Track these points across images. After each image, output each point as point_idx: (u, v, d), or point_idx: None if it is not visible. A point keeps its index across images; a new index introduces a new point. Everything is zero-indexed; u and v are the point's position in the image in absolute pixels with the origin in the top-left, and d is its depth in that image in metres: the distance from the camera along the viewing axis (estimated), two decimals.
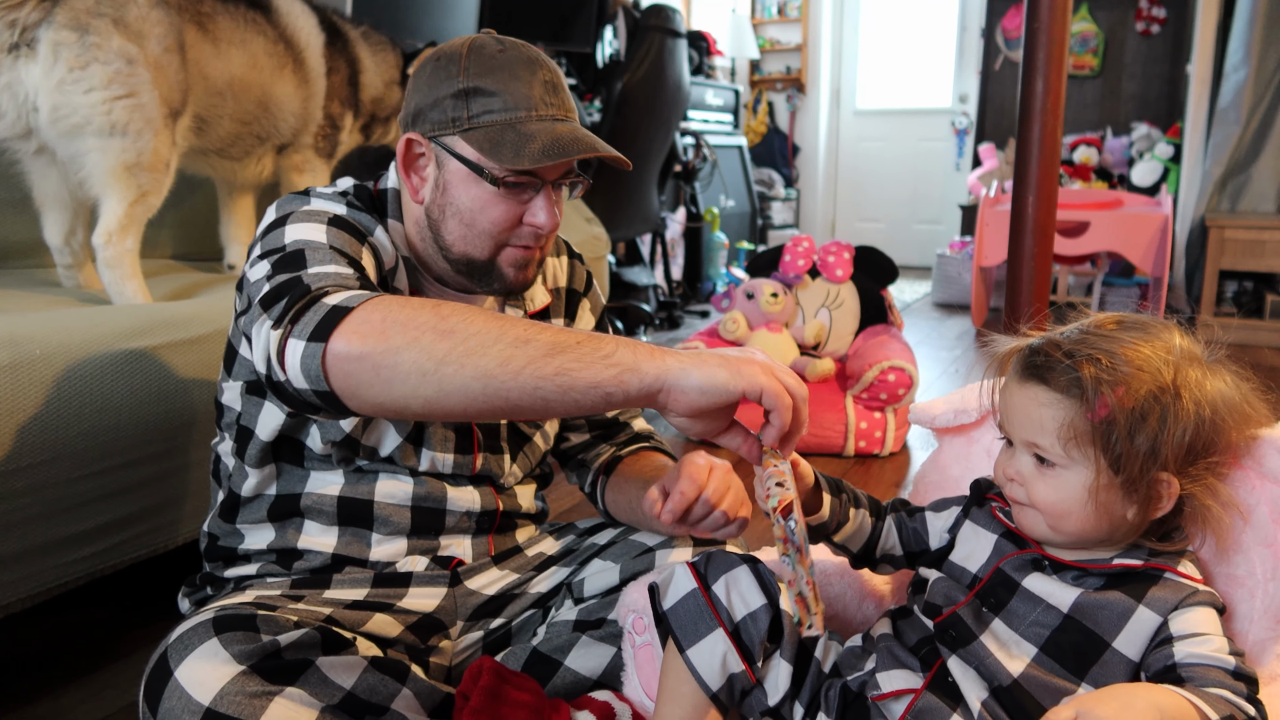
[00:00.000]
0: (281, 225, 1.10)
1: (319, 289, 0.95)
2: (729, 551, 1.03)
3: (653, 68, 3.57)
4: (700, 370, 0.88)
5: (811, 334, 2.94)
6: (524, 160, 1.08)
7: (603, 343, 0.90)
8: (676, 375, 0.88)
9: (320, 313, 0.91)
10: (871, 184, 7.14)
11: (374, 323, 0.89)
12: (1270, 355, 3.99)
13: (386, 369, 0.88)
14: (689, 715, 0.98)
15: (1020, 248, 1.95)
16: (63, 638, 1.61)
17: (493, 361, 0.87)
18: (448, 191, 1.14)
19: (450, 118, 1.11)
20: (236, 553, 1.23)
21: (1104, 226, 4.06)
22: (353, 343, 0.89)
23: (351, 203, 1.17)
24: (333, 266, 1.02)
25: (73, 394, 1.34)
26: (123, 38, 1.63)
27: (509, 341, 0.88)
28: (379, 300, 0.92)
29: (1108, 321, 0.95)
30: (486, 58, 1.11)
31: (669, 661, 1.01)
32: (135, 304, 1.67)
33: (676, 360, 0.89)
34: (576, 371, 0.88)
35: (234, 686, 0.95)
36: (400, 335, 0.88)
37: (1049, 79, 1.92)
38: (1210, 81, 4.69)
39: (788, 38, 7.08)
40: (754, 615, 0.98)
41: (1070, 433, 0.90)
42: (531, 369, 0.87)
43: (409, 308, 0.90)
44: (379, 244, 1.16)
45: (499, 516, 1.30)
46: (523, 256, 1.18)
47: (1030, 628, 0.92)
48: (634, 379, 0.88)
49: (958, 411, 1.21)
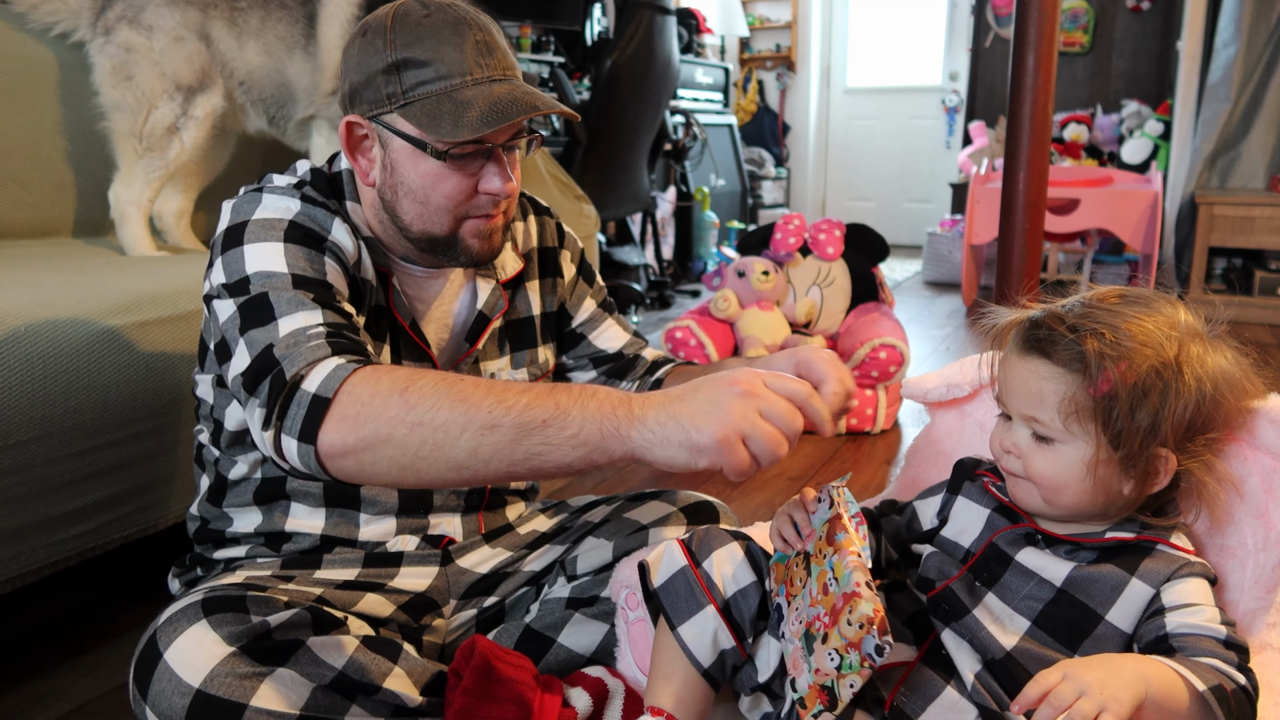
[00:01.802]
0: (239, 243, 1.06)
1: (295, 374, 0.94)
2: (719, 529, 1.03)
3: (642, 45, 3.54)
4: (664, 450, 0.85)
5: (803, 312, 2.94)
6: (463, 131, 1.04)
7: (569, 418, 0.87)
8: (642, 453, 0.86)
9: (303, 406, 0.92)
10: (862, 162, 7.12)
11: (350, 419, 0.90)
12: (1259, 332, 4.00)
13: (369, 465, 0.91)
14: (681, 690, 0.98)
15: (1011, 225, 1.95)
16: (54, 618, 1.61)
17: (462, 453, 0.88)
18: (396, 171, 1.10)
19: (385, 94, 1.07)
20: (225, 535, 1.22)
21: (1094, 204, 4.06)
22: (336, 441, 0.91)
23: (306, 194, 1.12)
24: (301, 316, 1.00)
25: (59, 371, 1.33)
26: (130, 31, 1.98)
27: (475, 430, 0.88)
28: (353, 384, 0.91)
29: (1110, 295, 0.95)
30: (412, 25, 1.06)
31: (660, 638, 1.01)
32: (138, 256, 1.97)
33: (641, 434, 0.86)
34: (545, 455, 0.88)
35: (224, 668, 0.94)
36: (374, 430, 0.89)
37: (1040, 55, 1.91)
38: (1200, 58, 4.68)
39: (777, 15, 7.04)
40: (744, 592, 0.99)
41: (1071, 407, 0.89)
42: (500, 457, 0.88)
43: (379, 397, 0.90)
44: (337, 241, 1.11)
45: (487, 493, 1.29)
46: (485, 226, 1.14)
47: (1024, 601, 0.92)
48: (602, 458, 0.88)
49: (950, 385, 1.21)
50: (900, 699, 0.92)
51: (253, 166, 2.34)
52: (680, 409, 0.86)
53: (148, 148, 2.00)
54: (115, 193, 2.01)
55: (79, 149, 2.10)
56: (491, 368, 1.28)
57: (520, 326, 1.31)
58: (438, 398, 0.89)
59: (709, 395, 0.86)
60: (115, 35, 1.99)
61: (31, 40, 2.07)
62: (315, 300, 1.02)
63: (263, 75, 2.09)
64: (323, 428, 0.91)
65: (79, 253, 1.96)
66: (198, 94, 2.03)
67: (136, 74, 1.98)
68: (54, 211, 2.09)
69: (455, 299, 1.26)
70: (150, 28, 1.98)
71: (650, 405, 0.87)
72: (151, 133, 2.00)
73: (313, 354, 0.95)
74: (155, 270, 1.71)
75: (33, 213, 2.04)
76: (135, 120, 1.99)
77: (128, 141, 2.00)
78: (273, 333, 0.98)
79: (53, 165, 2.07)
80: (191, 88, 2.02)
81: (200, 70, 2.03)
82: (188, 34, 2.01)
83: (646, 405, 0.87)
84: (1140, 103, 5.38)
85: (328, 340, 0.98)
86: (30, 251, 1.89)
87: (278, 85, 2.10)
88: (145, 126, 1.99)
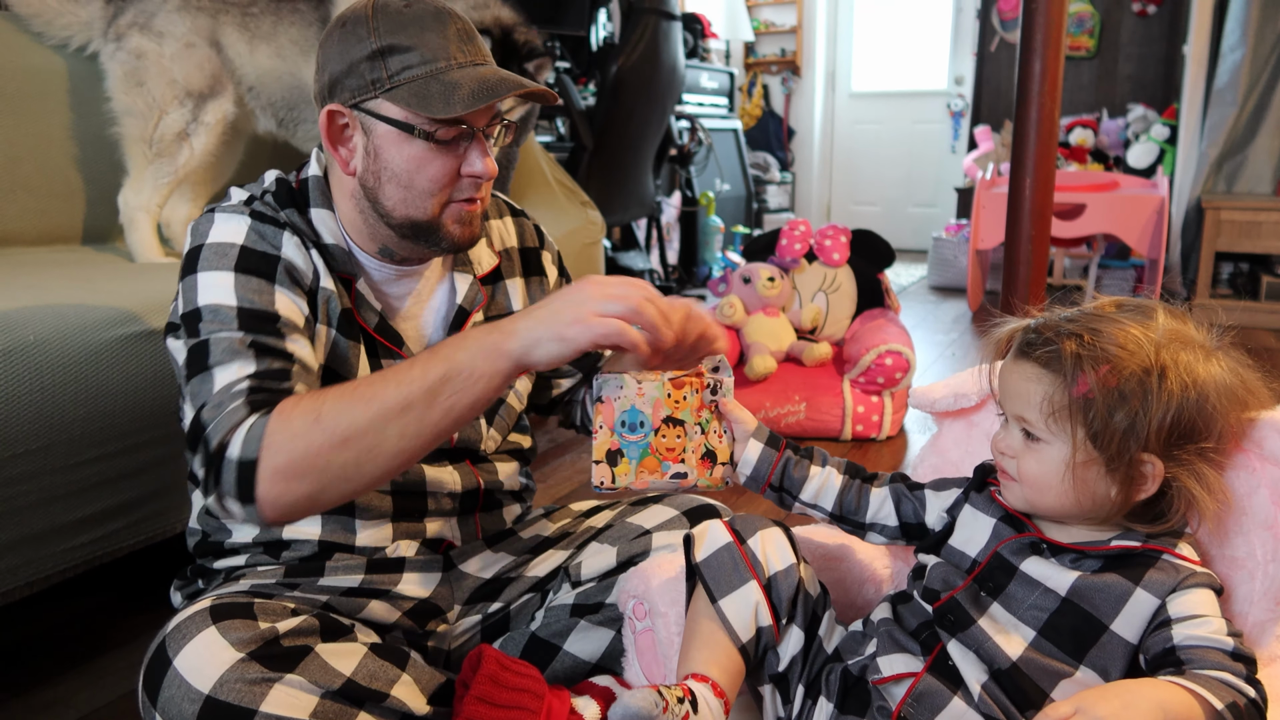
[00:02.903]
0: (194, 269, 1.08)
1: (220, 442, 0.97)
2: (759, 516, 1.06)
3: (647, 51, 3.54)
4: (542, 349, 0.98)
5: (808, 318, 2.94)
6: (455, 107, 1.06)
7: (459, 364, 0.98)
8: (524, 358, 0.98)
9: (231, 473, 0.96)
10: (867, 167, 7.12)
11: (281, 470, 0.95)
12: (1266, 337, 3.99)
13: (321, 498, 0.98)
14: (721, 658, 0.99)
15: (1017, 230, 1.95)
16: (61, 626, 1.61)
17: (394, 442, 0.97)
18: (379, 156, 1.11)
19: (369, 80, 1.08)
20: (224, 546, 1.22)
21: (1100, 209, 4.05)
22: (277, 497, 0.96)
23: (255, 210, 1.13)
24: (234, 368, 1.02)
25: (68, 380, 1.33)
26: (141, 37, 2.00)
27: (394, 417, 0.96)
28: (272, 436, 0.95)
29: (1107, 304, 0.96)
30: (394, 14, 1.08)
31: (698, 611, 1.02)
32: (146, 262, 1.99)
33: (518, 342, 0.98)
34: (458, 402, 0.98)
35: (233, 674, 0.94)
36: (309, 470, 0.95)
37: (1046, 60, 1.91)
38: (1206, 62, 4.67)
39: (782, 20, 7.05)
40: (786, 573, 1.01)
41: (1050, 407, 0.91)
42: (426, 425, 0.97)
43: (298, 438, 0.95)
44: (289, 258, 1.12)
45: (481, 495, 1.29)
46: (466, 211, 1.16)
47: (1029, 611, 0.92)
48: (500, 379, 0.99)
49: (957, 395, 1.21)
50: (907, 710, 0.92)
51: (260, 170, 2.34)
52: (541, 312, 0.99)
53: (158, 153, 2.01)
54: (124, 198, 2.02)
55: (88, 156, 2.11)
56: None
57: None
58: (347, 409, 0.96)
59: (563, 294, 1.00)
60: (126, 42, 2.00)
61: (42, 49, 2.08)
62: (252, 345, 1.04)
63: (274, 79, 2.09)
64: (258, 487, 0.95)
65: (87, 260, 1.97)
66: (208, 100, 2.04)
67: (147, 80, 1.99)
68: (63, 219, 2.09)
69: (431, 295, 1.27)
70: (161, 34, 2.00)
71: (519, 318, 1.00)
72: (162, 138, 2.01)
73: (232, 418, 0.98)
74: (163, 278, 1.71)
75: (42, 219, 2.04)
76: (146, 126, 2.00)
77: (138, 147, 2.01)
78: (206, 389, 1.02)
79: (62, 173, 2.07)
80: (202, 94, 2.03)
81: (211, 76, 2.04)
82: (198, 40, 2.02)
83: (515, 320, 1.00)
84: (1146, 107, 5.37)
85: (248, 400, 1.00)
86: (39, 258, 1.90)
87: (290, 88, 2.11)
88: (156, 132, 2.01)
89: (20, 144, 2.00)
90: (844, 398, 2.69)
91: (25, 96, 2.02)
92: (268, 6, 2.08)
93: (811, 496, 1.10)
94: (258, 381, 1.02)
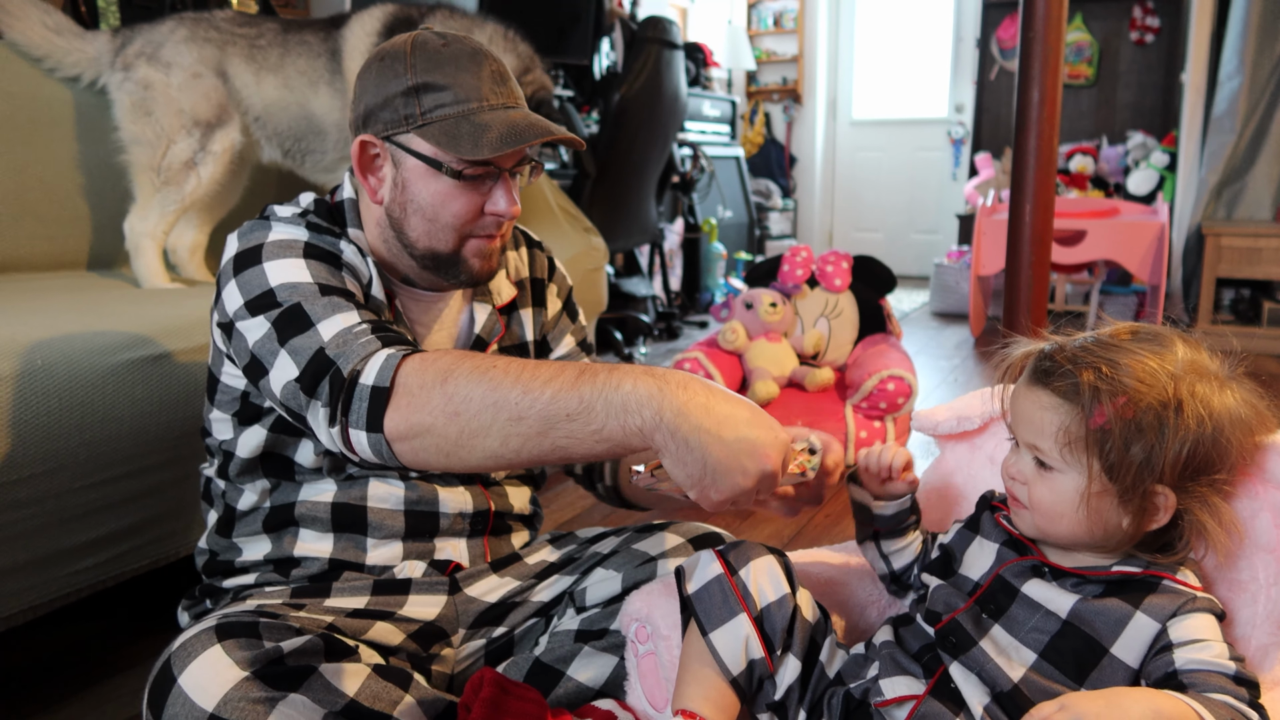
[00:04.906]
0: (257, 262, 1.10)
1: (352, 370, 0.99)
2: (756, 543, 1.05)
3: (650, 79, 3.58)
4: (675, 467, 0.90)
5: (810, 343, 2.95)
6: (483, 150, 1.08)
7: (593, 414, 0.91)
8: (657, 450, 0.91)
9: (364, 399, 0.97)
10: (868, 194, 7.15)
11: (403, 408, 0.96)
12: (1268, 363, 3.99)
13: (420, 451, 0.97)
14: (711, 694, 0.98)
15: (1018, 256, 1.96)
16: (64, 650, 1.61)
17: (495, 442, 0.94)
18: (407, 189, 1.14)
19: (403, 115, 1.11)
20: (234, 565, 1.23)
21: (1101, 235, 4.07)
22: (395, 428, 0.96)
23: (312, 222, 1.17)
24: (339, 319, 1.04)
25: (75, 404, 1.34)
26: (148, 68, 2.02)
27: (504, 420, 0.93)
28: (404, 374, 0.97)
29: (1122, 331, 0.95)
30: (431, 53, 1.11)
31: (690, 645, 1.02)
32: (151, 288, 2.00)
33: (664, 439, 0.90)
34: (571, 448, 0.93)
35: (237, 692, 0.95)
36: (420, 420, 0.95)
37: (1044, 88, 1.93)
38: (1205, 90, 4.70)
39: (784, 49, 7.11)
40: (778, 604, 1.00)
41: (1066, 438, 0.91)
42: (529, 447, 0.94)
43: (424, 388, 0.96)
44: (350, 262, 1.16)
45: (491, 517, 1.30)
46: (486, 246, 1.18)
47: (1030, 634, 0.92)
48: (621, 450, 0.93)
49: (960, 418, 1.21)
50: None
51: (267, 199, 2.37)
52: (711, 445, 0.88)
53: (165, 181, 2.04)
54: (131, 225, 2.04)
55: (94, 184, 2.13)
56: None
57: (518, 351, 1.35)
58: (471, 388, 0.94)
59: (742, 448, 0.89)
60: (134, 72, 2.03)
61: (48, 80, 2.10)
62: (350, 302, 1.06)
63: (280, 109, 2.11)
64: (386, 417, 0.96)
65: (94, 285, 1.98)
66: (215, 129, 2.07)
67: (155, 110, 2.02)
68: (69, 244, 2.11)
69: (453, 323, 1.29)
70: (168, 64, 2.03)
71: (685, 415, 0.88)
72: (169, 167, 2.03)
73: (364, 349, 1.00)
74: (169, 303, 1.73)
75: (49, 245, 2.06)
76: (154, 154, 2.03)
77: (146, 175, 2.04)
78: (316, 337, 1.03)
79: (68, 200, 2.09)
80: (209, 123, 2.06)
81: (217, 106, 2.07)
82: (205, 70, 2.05)
83: (681, 414, 0.88)
84: (1145, 134, 5.41)
85: (374, 334, 1.02)
86: (46, 284, 1.91)
87: (297, 119, 2.13)
88: (164, 160, 2.03)
89: (28, 171, 2.02)
90: (846, 423, 2.69)
91: (34, 124, 2.05)
92: (275, 38, 2.11)
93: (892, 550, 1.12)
94: (374, 324, 1.04)
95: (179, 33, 2.06)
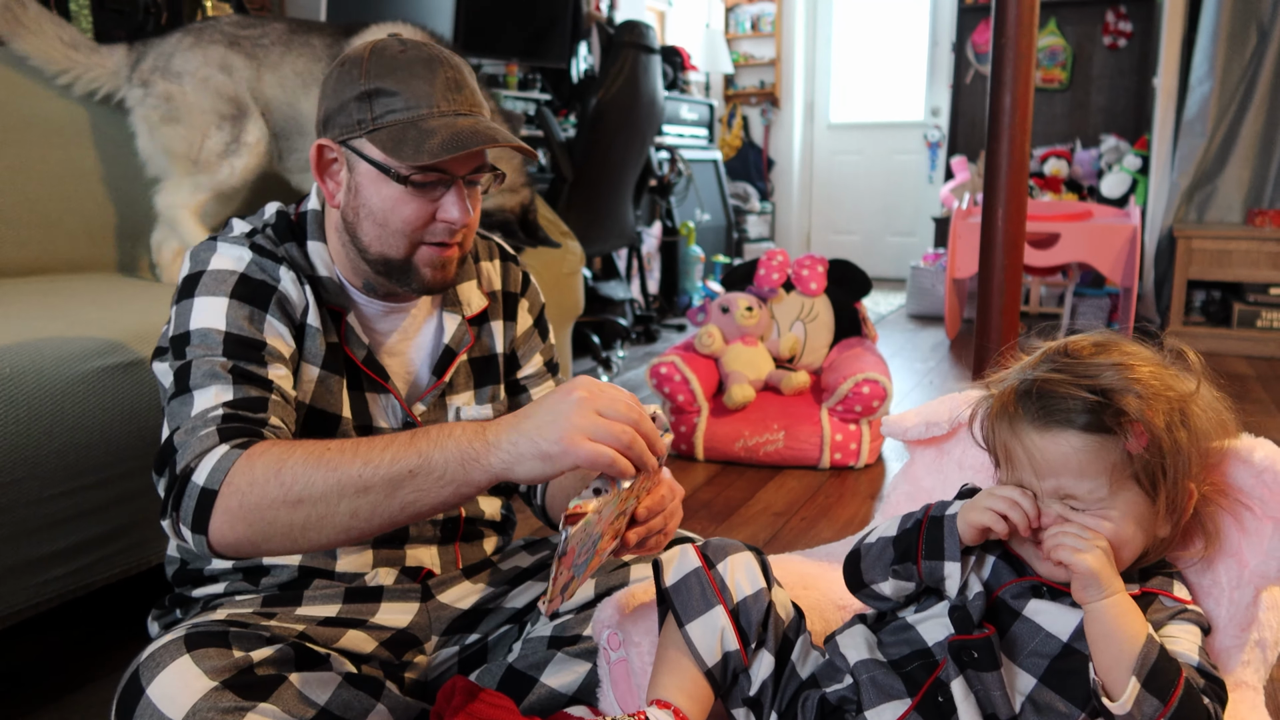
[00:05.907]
0: (191, 294, 1.11)
1: (186, 466, 0.98)
2: (733, 540, 1.06)
3: (627, 83, 3.58)
4: (522, 466, 0.91)
5: (786, 347, 2.96)
6: (424, 156, 1.08)
7: (432, 463, 0.92)
8: (505, 473, 0.92)
9: (193, 498, 0.96)
10: (846, 197, 7.18)
11: (234, 512, 0.95)
12: (1237, 364, 4.04)
13: (264, 546, 0.97)
14: (686, 685, 0.99)
15: (991, 260, 1.97)
16: (33, 660, 1.59)
17: (344, 517, 0.94)
18: (359, 193, 1.14)
19: (355, 120, 1.12)
20: (203, 574, 1.22)
21: (1074, 238, 4.11)
22: (225, 535, 0.96)
23: (256, 243, 1.16)
24: (210, 394, 1.04)
25: (43, 412, 1.33)
26: (164, 81, 2.08)
27: (350, 495, 0.93)
28: (234, 475, 0.96)
29: (1087, 346, 0.96)
30: (388, 59, 1.11)
31: (666, 637, 1.02)
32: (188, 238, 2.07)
33: (499, 457, 0.92)
34: (420, 501, 0.94)
35: (207, 703, 0.94)
36: (258, 519, 0.94)
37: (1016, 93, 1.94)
38: (1176, 94, 4.76)
39: (761, 52, 7.13)
40: (754, 597, 1.01)
41: (1113, 472, 0.90)
42: (380, 513, 0.94)
43: (256, 486, 0.94)
44: (285, 292, 1.15)
45: (462, 524, 1.30)
46: (439, 256, 1.17)
47: (1029, 658, 0.92)
48: (471, 489, 0.94)
49: (929, 424, 1.22)
50: None
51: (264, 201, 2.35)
52: (526, 425, 0.92)
53: (200, 168, 2.08)
54: (162, 199, 2.08)
55: (69, 189, 2.11)
56: (458, 401, 1.30)
57: (487, 363, 1.34)
58: (310, 472, 0.94)
59: (549, 406, 0.93)
60: (154, 88, 2.08)
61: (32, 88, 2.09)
62: (233, 371, 1.06)
63: (274, 108, 2.13)
64: (211, 520, 0.95)
65: (66, 290, 1.95)
66: (243, 120, 2.10)
67: (182, 116, 2.07)
68: (45, 250, 2.08)
69: (418, 333, 1.28)
70: (180, 74, 2.07)
71: (502, 429, 0.93)
72: (205, 159, 2.08)
73: (202, 444, 0.99)
74: (141, 310, 1.71)
75: (19, 251, 2.03)
76: (191, 148, 2.07)
77: (182, 164, 2.08)
78: (184, 411, 1.03)
79: (40, 204, 2.07)
80: (234, 115, 2.10)
81: (232, 98, 2.10)
82: (212, 70, 2.08)
83: (499, 430, 0.93)
84: (1118, 138, 5.46)
85: (220, 427, 1.01)
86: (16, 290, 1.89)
87: (287, 118, 2.14)
88: (200, 154, 2.08)
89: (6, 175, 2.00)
90: (822, 426, 2.71)
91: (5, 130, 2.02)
92: (280, 38, 2.13)
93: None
94: (233, 410, 1.03)
95: (185, 41, 2.09)
